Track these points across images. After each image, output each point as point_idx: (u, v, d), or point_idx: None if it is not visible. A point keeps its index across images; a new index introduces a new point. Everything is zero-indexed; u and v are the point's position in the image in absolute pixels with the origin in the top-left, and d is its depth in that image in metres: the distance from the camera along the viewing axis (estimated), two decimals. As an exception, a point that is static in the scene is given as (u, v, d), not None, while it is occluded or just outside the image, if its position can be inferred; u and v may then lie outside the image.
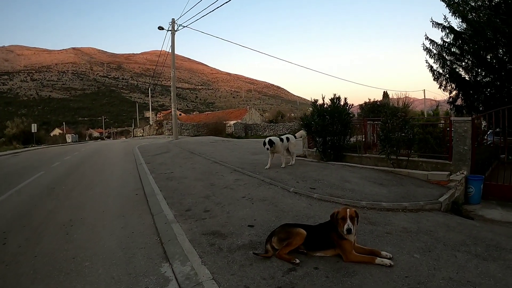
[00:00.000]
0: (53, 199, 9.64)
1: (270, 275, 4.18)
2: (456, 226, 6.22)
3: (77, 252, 5.55)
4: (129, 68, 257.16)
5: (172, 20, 30.64)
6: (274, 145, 11.12)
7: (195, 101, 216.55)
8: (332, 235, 4.64)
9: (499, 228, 6.72)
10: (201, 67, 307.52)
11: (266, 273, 4.24)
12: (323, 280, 4.04)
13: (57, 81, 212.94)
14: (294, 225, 4.97)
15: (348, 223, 4.45)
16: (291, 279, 4.07)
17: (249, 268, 4.38)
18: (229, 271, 4.35)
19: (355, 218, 4.59)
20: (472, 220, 7.42)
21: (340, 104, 13.03)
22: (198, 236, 5.66)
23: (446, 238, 5.46)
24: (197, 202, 7.93)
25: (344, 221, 4.49)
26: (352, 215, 4.56)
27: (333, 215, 4.71)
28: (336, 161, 12.75)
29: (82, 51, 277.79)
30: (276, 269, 4.31)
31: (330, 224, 4.74)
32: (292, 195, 8.10)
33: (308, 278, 4.09)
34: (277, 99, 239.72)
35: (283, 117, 66.13)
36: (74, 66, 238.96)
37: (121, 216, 7.53)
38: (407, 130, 10.72)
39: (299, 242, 4.63)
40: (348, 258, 4.45)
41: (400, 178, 9.77)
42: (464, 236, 5.62)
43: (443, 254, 4.80)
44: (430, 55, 19.97)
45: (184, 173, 11.99)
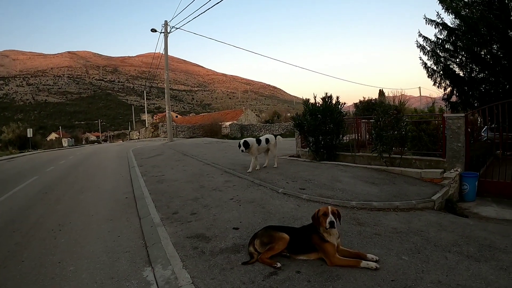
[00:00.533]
0: (44, 204, 9.60)
1: (250, 279, 4.09)
2: (448, 225, 6.07)
3: (63, 256, 5.55)
4: (125, 71, 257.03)
5: (164, 22, 30.61)
6: (250, 147, 10.87)
7: (191, 103, 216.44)
8: (313, 237, 4.49)
9: (493, 226, 6.55)
10: (197, 69, 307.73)
11: (247, 277, 4.13)
12: (304, 284, 3.93)
13: (53, 85, 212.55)
14: (277, 228, 4.84)
15: (330, 216, 4.36)
16: (272, 283, 3.97)
17: (230, 272, 4.29)
18: (210, 275, 4.27)
19: (337, 215, 4.50)
20: (466, 218, 7.27)
21: (332, 103, 12.90)
22: (182, 239, 5.58)
23: (437, 238, 5.32)
24: (185, 204, 7.84)
25: (326, 216, 4.39)
26: (334, 211, 4.48)
27: (314, 215, 4.62)
28: (329, 160, 12.64)
29: (77, 54, 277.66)
30: (257, 273, 4.20)
31: (313, 226, 4.60)
32: (280, 196, 8.00)
33: (289, 282, 3.98)
34: (273, 99, 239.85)
35: (279, 117, 65.97)
36: (70, 70, 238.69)
37: (109, 220, 7.49)
38: (400, 127, 10.58)
39: (281, 247, 4.50)
40: (331, 262, 4.29)
41: (392, 176, 9.63)
42: (457, 236, 5.48)
43: (433, 256, 4.65)
44: (424, 52, 19.91)
45: (175, 175, 11.88)
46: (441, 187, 8.47)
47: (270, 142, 11.52)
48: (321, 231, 4.42)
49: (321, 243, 4.38)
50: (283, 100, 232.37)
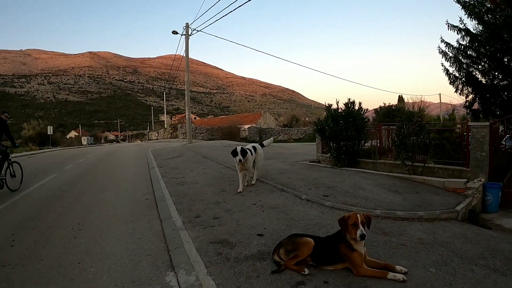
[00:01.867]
0: (64, 202, 9.58)
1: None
2: (473, 237, 5.97)
3: (83, 257, 5.48)
4: (145, 72, 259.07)
5: (186, 24, 30.72)
6: (246, 156, 9.21)
7: (210, 105, 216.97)
8: (340, 246, 4.40)
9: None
10: (216, 71, 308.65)
11: (273, 286, 4.05)
12: (332, 295, 3.83)
13: (73, 85, 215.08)
14: (302, 236, 4.77)
15: (360, 228, 4.24)
16: (299, 294, 3.87)
17: (256, 281, 4.20)
18: (235, 283, 4.18)
19: (367, 221, 4.45)
20: (490, 230, 7.14)
21: (354, 109, 12.78)
22: (205, 244, 5.51)
23: (463, 251, 5.22)
24: (207, 208, 7.79)
25: (355, 227, 4.27)
26: (364, 220, 4.37)
27: (342, 220, 4.48)
28: (350, 166, 12.52)
29: (98, 55, 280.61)
30: (284, 282, 4.11)
31: (339, 234, 4.52)
32: (304, 202, 7.91)
33: (317, 293, 3.88)
34: (292, 103, 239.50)
35: (297, 121, 65.86)
36: (91, 70, 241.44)
37: (129, 221, 7.43)
38: (423, 135, 10.47)
39: (306, 253, 4.42)
40: (358, 272, 4.21)
41: (415, 185, 9.50)
42: (482, 248, 5.37)
43: (460, 268, 4.56)
44: (446, 58, 19.73)
45: (196, 178, 11.84)
46: (464, 197, 8.30)
47: (258, 152, 10.23)
48: (348, 238, 4.33)
49: (349, 252, 4.30)
50: (302, 104, 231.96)
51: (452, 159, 10.69)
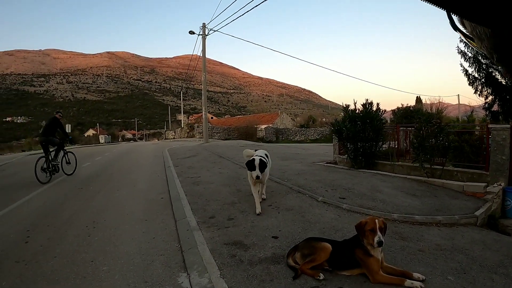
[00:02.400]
0: (79, 200, 9.64)
1: (291, 293, 3.91)
2: (493, 243, 5.80)
3: (96, 255, 5.49)
4: (162, 72, 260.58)
5: (203, 24, 30.75)
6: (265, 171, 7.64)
7: (227, 105, 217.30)
8: (357, 251, 4.29)
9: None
10: (233, 71, 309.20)
11: (288, 290, 3.95)
12: (348, 302, 3.74)
13: (91, 84, 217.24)
14: (319, 240, 4.68)
15: (378, 235, 4.12)
16: (314, 299, 3.79)
17: (270, 284, 4.14)
18: (248, 286, 4.13)
19: (384, 229, 4.29)
20: (510, 237, 6.97)
21: (372, 110, 12.67)
22: (219, 246, 5.47)
23: (482, 258, 5.07)
24: (222, 209, 7.75)
25: (373, 233, 4.15)
26: (381, 226, 4.23)
27: (359, 225, 4.35)
28: (367, 168, 12.39)
29: (116, 55, 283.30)
30: (298, 287, 4.04)
31: (355, 239, 4.41)
32: (320, 204, 7.81)
33: (333, 299, 3.79)
34: (309, 104, 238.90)
35: (314, 122, 65.57)
36: (109, 69, 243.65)
37: (144, 220, 7.43)
38: (442, 137, 10.28)
39: (323, 258, 4.33)
40: (374, 279, 4.10)
41: (433, 188, 9.33)
42: (502, 256, 5.20)
43: (479, 277, 4.42)
44: (465, 59, 19.43)
45: (211, 177, 11.81)
46: (483, 202, 8.13)
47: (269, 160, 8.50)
48: (365, 243, 4.21)
49: (365, 257, 4.19)
50: (319, 105, 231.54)
51: (471, 162, 10.46)
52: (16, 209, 8.86)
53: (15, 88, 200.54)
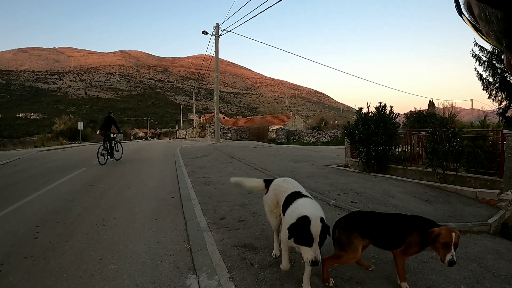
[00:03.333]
0: (90, 197, 9.67)
1: (301, 298, 3.84)
2: (506, 252, 5.71)
3: (104, 253, 5.49)
4: (175, 71, 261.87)
5: (216, 24, 30.71)
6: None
7: (238, 105, 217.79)
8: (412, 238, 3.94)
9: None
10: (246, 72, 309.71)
11: (298, 295, 3.88)
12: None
13: (104, 82, 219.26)
14: (369, 217, 4.38)
15: (452, 252, 3.60)
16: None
17: (280, 290, 4.05)
18: (258, 291, 4.04)
19: (457, 246, 3.71)
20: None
21: (385, 113, 12.55)
22: (229, 247, 5.41)
23: (495, 267, 4.99)
24: (233, 210, 7.68)
25: (446, 249, 3.63)
26: (457, 242, 3.66)
27: (432, 234, 3.74)
28: (379, 172, 12.30)
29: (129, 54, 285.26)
30: (308, 294, 3.95)
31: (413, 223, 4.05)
32: (332, 208, 7.74)
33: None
34: (321, 106, 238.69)
35: (326, 124, 65.29)
36: (122, 68, 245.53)
37: (154, 219, 7.40)
38: (456, 142, 10.15)
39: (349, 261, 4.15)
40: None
41: (446, 194, 9.21)
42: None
43: (492, 287, 4.36)
44: (479, 63, 19.32)
45: (222, 178, 11.72)
46: (497, 209, 8.01)
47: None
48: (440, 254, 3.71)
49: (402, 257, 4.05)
50: (330, 107, 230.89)
51: (485, 168, 10.35)
52: (26, 204, 8.91)
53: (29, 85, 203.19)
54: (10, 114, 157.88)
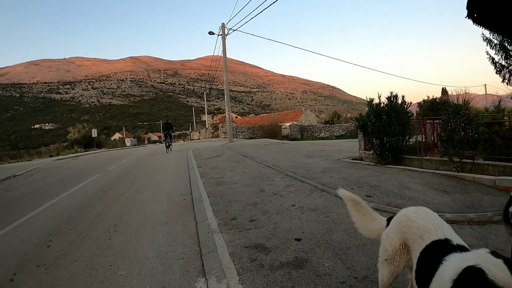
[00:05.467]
0: (103, 203, 9.78)
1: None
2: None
3: (115, 259, 5.50)
4: (185, 74, 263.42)
5: (222, 24, 30.72)
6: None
7: (250, 104, 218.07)
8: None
9: None
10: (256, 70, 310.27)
11: (309, 298, 3.74)
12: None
13: (116, 89, 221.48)
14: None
15: None
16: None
17: (291, 292, 3.91)
18: (268, 294, 3.91)
19: None
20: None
21: (397, 103, 12.30)
22: (239, 249, 5.29)
23: (518, 260, 4.73)
24: (244, 210, 7.56)
25: None
26: None
27: None
28: (394, 164, 12.07)
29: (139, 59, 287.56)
30: (324, 293, 3.79)
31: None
32: (345, 204, 7.53)
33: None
34: (333, 100, 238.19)
35: (339, 118, 64.86)
36: (132, 74, 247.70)
37: (165, 222, 7.37)
38: (472, 129, 9.88)
39: None
40: None
41: (464, 184, 8.94)
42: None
43: (517, 280, 4.11)
44: (490, 46, 18.89)
45: (234, 177, 11.65)
46: (517, 197, 7.78)
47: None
48: None
49: None
50: (343, 101, 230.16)
51: (502, 154, 10.01)
52: (41, 213, 9.09)
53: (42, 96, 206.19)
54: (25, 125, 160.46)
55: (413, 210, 3.06)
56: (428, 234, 2.66)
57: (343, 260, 4.66)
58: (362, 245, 5.09)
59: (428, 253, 2.55)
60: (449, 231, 2.69)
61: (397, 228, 3.02)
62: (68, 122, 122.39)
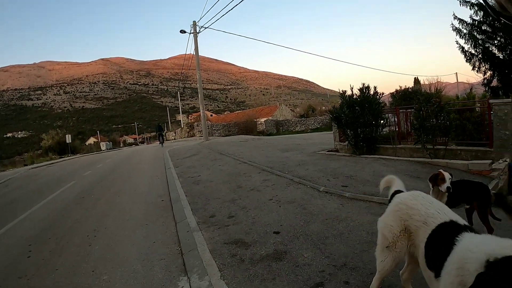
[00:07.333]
0: (81, 209, 9.66)
1: (294, 292, 3.75)
2: (503, 221, 5.60)
3: (96, 264, 5.46)
4: (158, 74, 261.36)
5: (193, 22, 30.46)
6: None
7: (225, 101, 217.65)
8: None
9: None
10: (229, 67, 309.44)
11: (290, 289, 3.80)
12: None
13: (89, 92, 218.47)
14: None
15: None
16: (319, 296, 3.61)
17: (272, 283, 3.97)
18: (250, 287, 3.96)
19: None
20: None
21: (370, 94, 12.48)
22: (219, 245, 5.32)
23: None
24: (222, 207, 7.59)
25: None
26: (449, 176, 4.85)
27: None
28: (369, 154, 12.23)
29: (111, 61, 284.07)
30: (301, 285, 3.87)
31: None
32: (322, 195, 7.62)
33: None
34: (307, 93, 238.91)
35: (314, 111, 65.05)
36: (104, 76, 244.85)
37: (144, 224, 7.33)
38: (443, 116, 10.07)
39: None
40: None
41: (438, 169, 9.12)
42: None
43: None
44: (460, 35, 19.28)
45: (211, 175, 11.66)
46: (490, 179, 7.96)
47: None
48: None
49: None
50: (317, 94, 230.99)
51: (474, 139, 10.25)
52: (19, 223, 8.95)
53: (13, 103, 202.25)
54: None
55: (410, 197, 3.09)
56: (432, 219, 2.72)
57: (321, 250, 4.71)
58: (339, 234, 5.14)
59: (436, 237, 2.61)
60: (451, 213, 2.77)
61: (396, 216, 3.06)
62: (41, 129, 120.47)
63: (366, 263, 4.20)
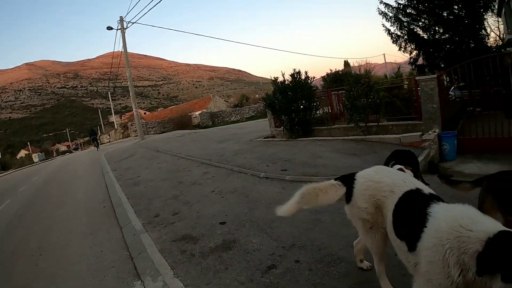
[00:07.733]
0: (22, 227, 9.16)
1: (248, 277, 3.84)
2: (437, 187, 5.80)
3: (47, 283, 5.20)
4: (86, 75, 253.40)
5: (120, 18, 29.61)
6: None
7: (158, 98, 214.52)
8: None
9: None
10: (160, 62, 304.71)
11: (244, 276, 3.89)
12: (306, 274, 3.69)
13: (15, 101, 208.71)
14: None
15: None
16: (272, 278, 3.72)
17: (225, 273, 4.01)
18: (204, 280, 3.98)
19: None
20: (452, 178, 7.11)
21: (301, 79, 12.71)
22: (168, 244, 5.28)
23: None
24: (165, 205, 7.52)
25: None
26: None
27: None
28: (305, 137, 12.47)
29: (35, 65, 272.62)
30: (254, 270, 3.95)
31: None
32: (263, 181, 7.75)
33: (290, 274, 3.73)
34: (240, 83, 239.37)
35: (247, 100, 65.45)
36: (30, 82, 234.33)
37: (89, 234, 7.07)
38: (373, 95, 10.45)
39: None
40: None
41: (372, 145, 9.50)
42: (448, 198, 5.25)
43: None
44: (386, 19, 20.26)
45: (151, 174, 11.54)
46: (422, 149, 8.34)
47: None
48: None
49: None
50: (250, 83, 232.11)
51: (404, 114, 10.76)
52: None
53: None
54: None
55: (373, 173, 3.11)
56: (398, 188, 2.74)
57: (269, 234, 4.81)
58: (284, 217, 5.22)
59: (404, 204, 2.62)
60: (416, 181, 2.82)
61: (366, 195, 2.99)
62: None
63: (313, 240, 4.35)
